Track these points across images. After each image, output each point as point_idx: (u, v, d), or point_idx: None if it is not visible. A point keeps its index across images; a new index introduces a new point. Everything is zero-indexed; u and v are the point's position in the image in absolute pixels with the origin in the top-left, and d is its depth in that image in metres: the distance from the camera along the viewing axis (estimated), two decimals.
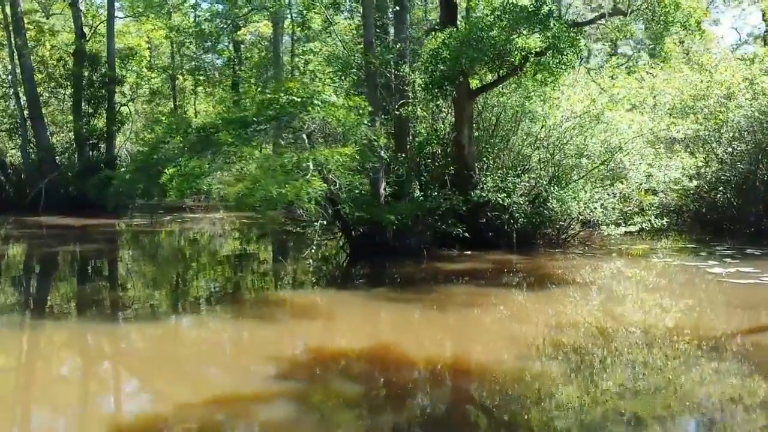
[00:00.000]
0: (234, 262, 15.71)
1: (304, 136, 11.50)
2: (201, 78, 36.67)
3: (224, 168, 10.82)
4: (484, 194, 14.60)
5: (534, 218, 15.04)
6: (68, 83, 29.33)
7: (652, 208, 15.52)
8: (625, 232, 15.19)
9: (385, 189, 14.40)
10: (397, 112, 14.71)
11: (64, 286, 12.65)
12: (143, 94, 32.75)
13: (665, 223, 14.98)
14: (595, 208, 14.43)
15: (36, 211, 25.57)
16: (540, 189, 15.07)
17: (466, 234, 14.11)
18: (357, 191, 13.41)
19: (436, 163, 15.79)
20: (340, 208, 13.48)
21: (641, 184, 15.54)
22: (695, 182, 16.14)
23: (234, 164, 10.97)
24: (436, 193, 14.65)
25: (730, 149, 17.47)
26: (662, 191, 16.66)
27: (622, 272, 13.15)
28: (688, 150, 17.00)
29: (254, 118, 11.61)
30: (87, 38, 29.19)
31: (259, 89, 33.71)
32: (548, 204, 15.00)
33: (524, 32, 12.46)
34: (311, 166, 10.80)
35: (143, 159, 12.25)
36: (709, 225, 18.38)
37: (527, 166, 15.53)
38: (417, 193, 14.56)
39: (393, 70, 15.12)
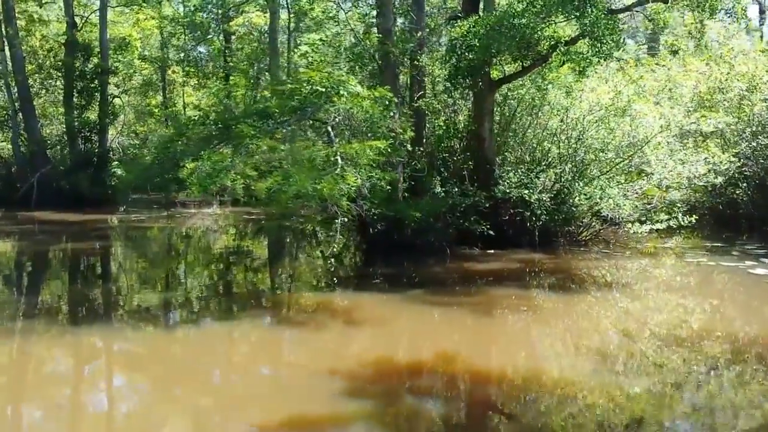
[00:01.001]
0: (246, 260, 15.05)
1: (329, 128, 10.80)
2: (191, 70, 35.72)
3: (248, 162, 10.06)
4: (507, 190, 14.02)
5: (557, 215, 14.48)
6: (59, 74, 28.42)
7: (677, 205, 15.00)
8: (651, 230, 14.65)
9: (402, 184, 13.80)
10: (416, 104, 14.10)
11: (74, 288, 11.89)
12: (136, 86, 31.73)
13: (693, 221, 14.39)
14: (624, 204, 13.87)
15: (28, 205, 24.67)
16: (563, 185, 14.48)
17: (491, 232, 13.50)
18: (376, 187, 12.74)
19: (455, 158, 15.16)
20: (361, 204, 12.87)
21: (662, 180, 15.03)
22: (720, 178, 15.60)
23: (257, 158, 10.24)
24: (456, 189, 14.06)
25: (754, 144, 16.94)
26: (685, 187, 16.16)
27: (661, 274, 12.57)
28: (717, 145, 16.45)
29: (276, 110, 10.89)
30: (79, 28, 28.26)
31: (252, 81, 33.19)
32: (571, 200, 14.46)
33: (558, 19, 11.85)
34: (339, 161, 10.13)
35: (160, 152, 11.52)
36: (726, 222, 17.89)
37: (548, 161, 14.92)
38: (438, 188, 13.92)
39: (410, 60, 14.54)
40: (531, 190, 13.74)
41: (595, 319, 9.33)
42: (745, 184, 17.19)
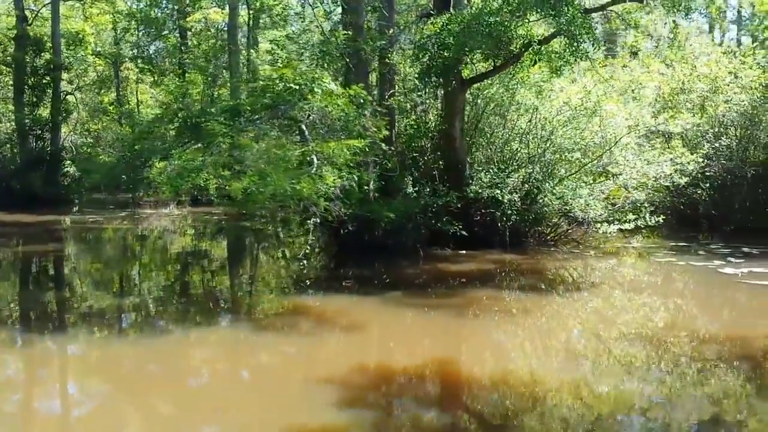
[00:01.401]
0: (210, 263, 14.68)
1: (303, 126, 10.53)
2: (146, 67, 34.86)
3: (219, 161, 9.71)
4: (479, 190, 13.92)
5: (527, 215, 14.43)
6: (9, 70, 27.45)
7: (644, 205, 15.07)
8: (618, 229, 14.68)
9: (373, 184, 13.57)
10: (386, 102, 13.89)
11: (28, 294, 11.35)
12: (89, 83, 30.79)
13: (660, 221, 14.48)
14: (595, 205, 13.88)
15: None
16: (533, 185, 14.43)
17: (463, 232, 13.36)
18: (348, 187, 12.50)
19: (425, 158, 15.00)
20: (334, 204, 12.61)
21: (628, 180, 15.08)
22: (685, 179, 15.72)
23: (229, 157, 9.89)
24: (428, 189, 13.91)
25: (716, 144, 17.14)
26: (649, 187, 16.27)
27: (634, 273, 12.63)
28: (678, 145, 16.57)
29: (248, 107, 10.57)
30: (29, 22, 27.34)
31: (209, 78, 32.58)
32: (541, 200, 14.44)
33: (532, 18, 11.78)
34: (315, 160, 9.87)
35: (126, 150, 11.08)
36: (686, 222, 18.07)
37: (517, 161, 14.86)
38: (410, 189, 13.74)
39: (380, 58, 14.33)
40: (502, 191, 13.65)
41: (572, 319, 9.28)
42: (707, 185, 17.38)
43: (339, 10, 17.77)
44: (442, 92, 14.73)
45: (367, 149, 10.53)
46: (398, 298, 9.94)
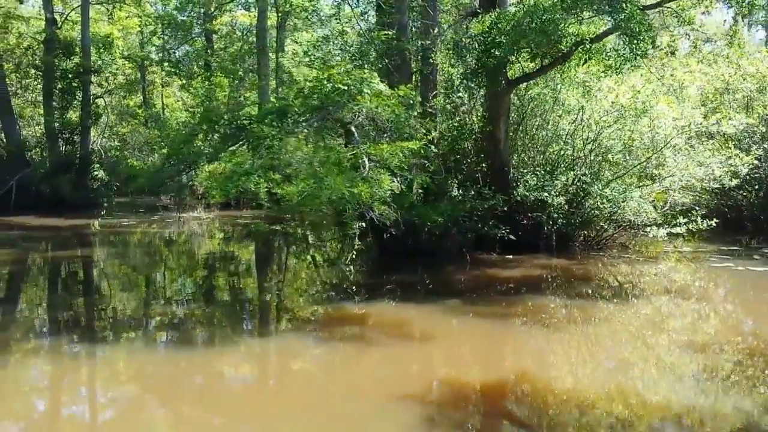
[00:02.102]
0: (250, 268, 14.36)
1: (353, 128, 10.19)
2: (174, 70, 34.78)
3: (268, 164, 9.38)
4: (527, 193, 13.54)
5: (573, 219, 14.03)
6: (38, 74, 27.39)
7: (695, 209, 14.58)
8: (668, 233, 14.21)
9: (415, 187, 13.22)
10: (430, 104, 13.54)
11: (64, 305, 11.09)
12: (120, 86, 30.68)
13: (713, 225, 13.97)
14: (648, 208, 13.44)
15: (6, 210, 23.63)
16: (581, 187, 14.01)
17: (512, 236, 12.98)
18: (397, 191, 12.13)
19: (467, 160, 14.63)
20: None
21: (676, 183, 14.62)
22: (735, 181, 15.21)
23: (279, 160, 9.56)
24: (472, 192, 13.53)
25: (765, 145, 16.62)
26: (696, 190, 15.81)
27: (698, 279, 12.05)
28: (724, 146, 16.08)
29: (295, 109, 10.25)
30: (59, 26, 27.29)
31: (237, 81, 32.42)
32: (588, 204, 14.01)
33: (586, 15, 11.38)
34: (367, 162, 9.53)
35: (173, 153, 10.78)
36: (729, 225, 17.52)
37: (564, 163, 14.45)
38: (455, 192, 13.37)
39: (422, 58, 14.00)
40: (550, 193, 13.25)
41: (651, 328, 8.76)
42: (756, 186, 16.87)
43: (373, 10, 17.45)
44: (485, 93, 14.38)
45: (422, 151, 10.16)
46: (457, 306, 9.55)
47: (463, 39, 13.18)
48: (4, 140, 26.19)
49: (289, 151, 9.52)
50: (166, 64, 34.27)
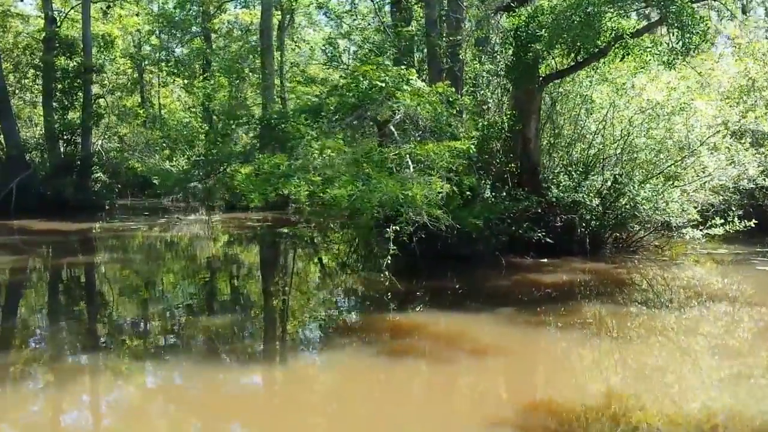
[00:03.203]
0: (285, 273, 13.68)
1: (392, 127, 9.65)
2: (175, 70, 34.05)
3: (307, 165, 8.81)
4: (562, 194, 13.05)
5: (607, 220, 13.55)
6: (38, 73, 26.68)
7: (732, 209, 14.12)
8: (706, 235, 13.73)
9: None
10: (459, 102, 13.01)
11: (80, 318, 10.50)
12: (122, 86, 29.91)
13: (752, 225, 13.50)
14: (691, 209, 12.97)
15: (6, 213, 22.94)
16: (615, 188, 13.52)
17: (549, 239, 12.49)
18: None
19: (496, 160, 14.12)
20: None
21: (708, 182, 14.17)
22: None
23: (319, 161, 8.97)
24: (504, 194, 13.02)
25: None
26: (728, 190, 15.34)
27: (755, 284, 11.50)
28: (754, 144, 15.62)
29: (330, 108, 9.70)
30: (58, 24, 26.55)
31: (238, 80, 31.78)
32: (625, 204, 13.51)
33: (635, 7, 10.88)
34: (410, 164, 9.00)
35: (205, 153, 10.20)
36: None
37: (599, 162, 13.96)
38: (487, 193, 12.85)
39: (450, 55, 13.49)
40: (588, 194, 12.76)
41: (729, 339, 8.23)
42: None
43: (387, 8, 16.99)
44: (513, 91, 13.89)
45: (471, 151, 9.63)
46: (511, 315, 8.98)
47: (495, 34, 12.63)
48: (3, 142, 25.45)
49: (329, 152, 8.95)
50: (163, 64, 33.53)
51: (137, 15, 31.13)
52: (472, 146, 9.89)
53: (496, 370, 7.05)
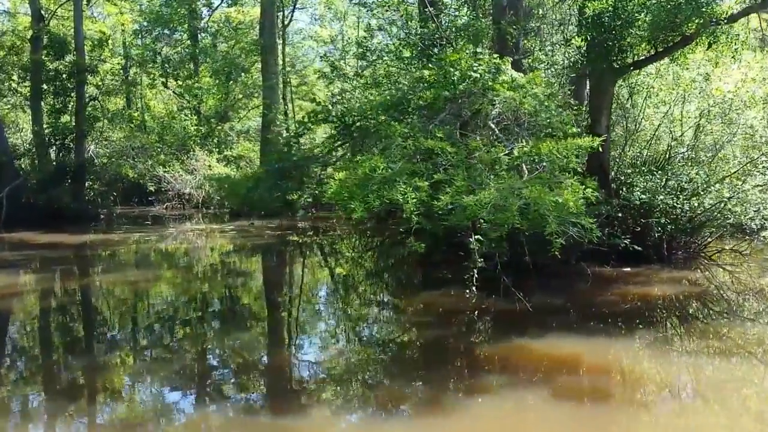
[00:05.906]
0: (351, 287, 12.30)
1: (492, 124, 8.41)
2: (166, 71, 32.37)
3: (410, 169, 7.51)
4: (642, 196, 11.92)
5: (683, 224, 12.48)
6: (25, 75, 24.87)
7: None
8: None
9: None
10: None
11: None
12: (115, 87, 28.08)
13: None
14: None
15: None
16: (696, 188, 12.43)
17: (636, 247, 11.34)
18: None
19: None
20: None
21: None
22: None
23: (423, 164, 7.69)
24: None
25: None
26: None
27: None
28: None
29: (421, 102, 8.44)
30: (46, 22, 24.70)
31: (231, 81, 30.37)
32: (700, 205, 12.45)
33: None
34: (524, 166, 7.76)
35: (279, 159, 8.85)
36: None
37: (678, 160, 12.88)
38: None
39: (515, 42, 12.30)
40: (678, 197, 11.66)
41: None
42: None
43: None
44: (580, 83, 12.77)
45: (598, 148, 8.41)
46: (641, 336, 7.77)
47: (572, 19, 11.46)
48: None
49: (439, 153, 7.65)
50: (156, 63, 31.83)
51: (120, 13, 29.32)
52: (600, 144, 8.59)
53: (695, 411, 5.82)
